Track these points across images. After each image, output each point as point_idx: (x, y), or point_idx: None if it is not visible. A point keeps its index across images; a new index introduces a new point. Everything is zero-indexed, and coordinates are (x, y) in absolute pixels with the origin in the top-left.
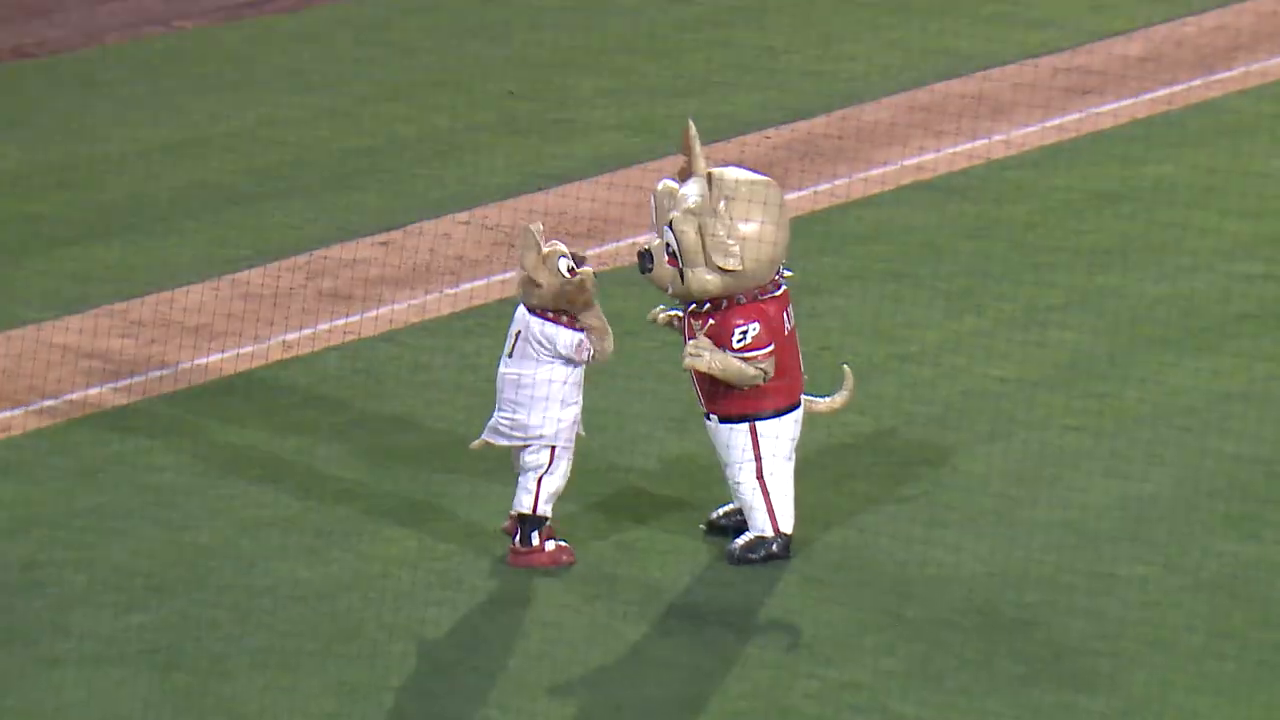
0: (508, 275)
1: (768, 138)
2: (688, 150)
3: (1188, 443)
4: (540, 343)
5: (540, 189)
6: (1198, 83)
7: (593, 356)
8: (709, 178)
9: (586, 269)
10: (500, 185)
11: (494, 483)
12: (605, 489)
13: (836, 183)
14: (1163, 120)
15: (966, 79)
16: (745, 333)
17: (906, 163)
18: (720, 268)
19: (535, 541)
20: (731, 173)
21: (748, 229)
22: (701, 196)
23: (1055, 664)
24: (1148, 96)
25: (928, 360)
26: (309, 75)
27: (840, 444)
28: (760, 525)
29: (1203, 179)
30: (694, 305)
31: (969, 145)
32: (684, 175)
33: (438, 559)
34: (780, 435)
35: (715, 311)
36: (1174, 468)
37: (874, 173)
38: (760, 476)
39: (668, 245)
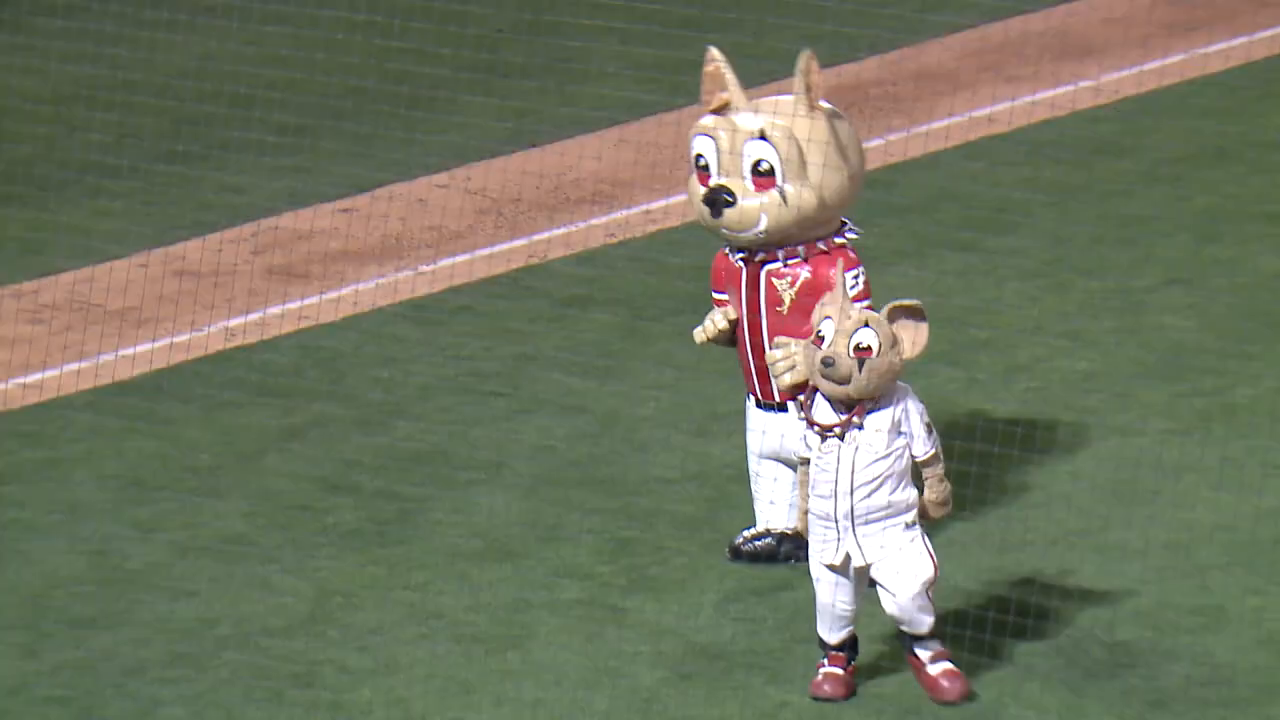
0: (495, 249)
1: None
2: (717, 83)
3: None
4: None
5: (534, 146)
6: None
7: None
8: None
9: (841, 359)
10: (486, 141)
11: (479, 498)
12: (611, 504)
13: (891, 138)
14: None
15: (1047, 13)
16: (858, 276)
17: (975, 114)
18: (835, 174)
19: (826, 664)
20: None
21: (848, 149)
22: (801, 107)
23: (1154, 715)
24: (1266, 34)
25: (999, 350)
26: (256, 9)
27: None
28: None
29: None
30: (775, 262)
31: (1050, 93)
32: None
33: (411, 589)
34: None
35: (810, 259)
36: None
37: (935, 126)
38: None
39: (756, 164)
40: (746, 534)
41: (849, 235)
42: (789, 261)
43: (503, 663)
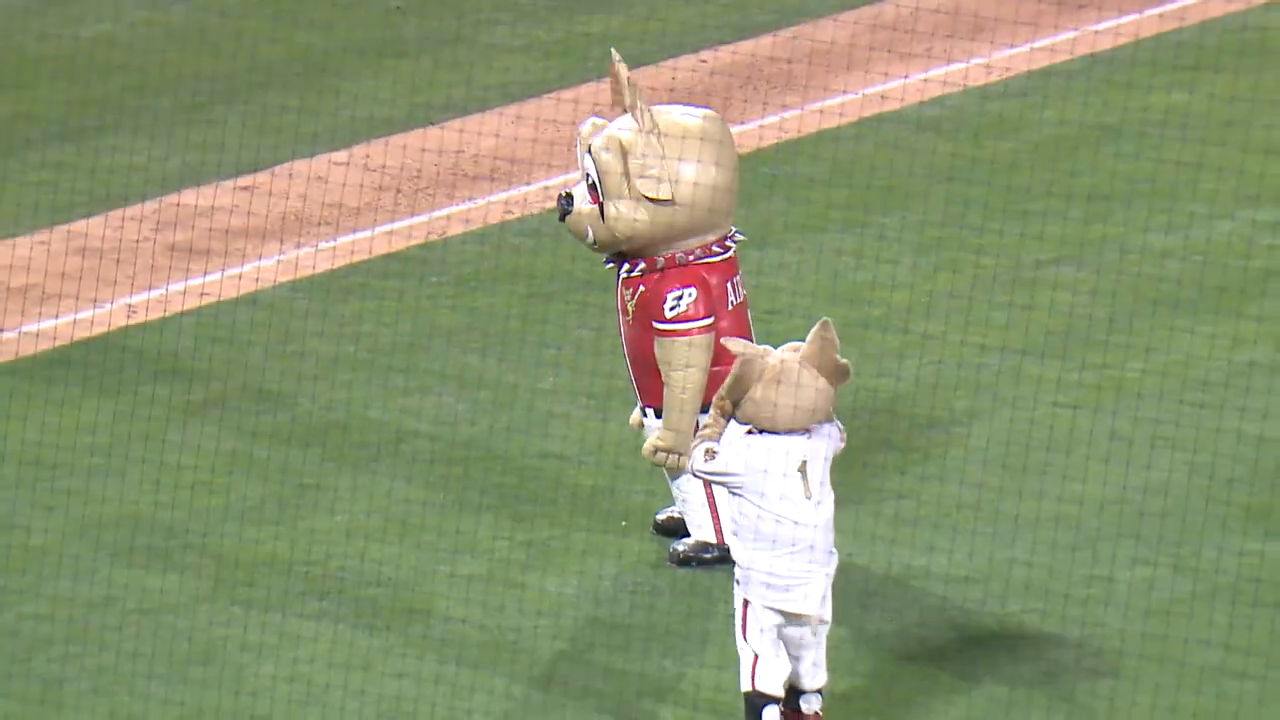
0: (394, 226)
1: (703, 61)
2: (615, 86)
3: (1202, 422)
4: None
5: (433, 123)
6: None
7: None
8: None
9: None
10: (385, 118)
11: (379, 474)
12: (510, 479)
13: (786, 115)
14: (1173, 40)
15: None
16: (680, 299)
17: (868, 91)
18: (647, 197)
19: None
20: (669, 107)
21: (684, 164)
22: (630, 125)
23: (1045, 685)
24: (1155, 11)
25: (894, 326)
26: None
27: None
28: (703, 533)
29: (1221, 110)
30: (625, 269)
31: (942, 70)
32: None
33: (313, 563)
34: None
35: (648, 276)
36: (1185, 452)
37: (830, 103)
38: (707, 484)
39: (587, 177)
40: (668, 512)
41: (715, 251)
42: (633, 273)
43: (403, 637)
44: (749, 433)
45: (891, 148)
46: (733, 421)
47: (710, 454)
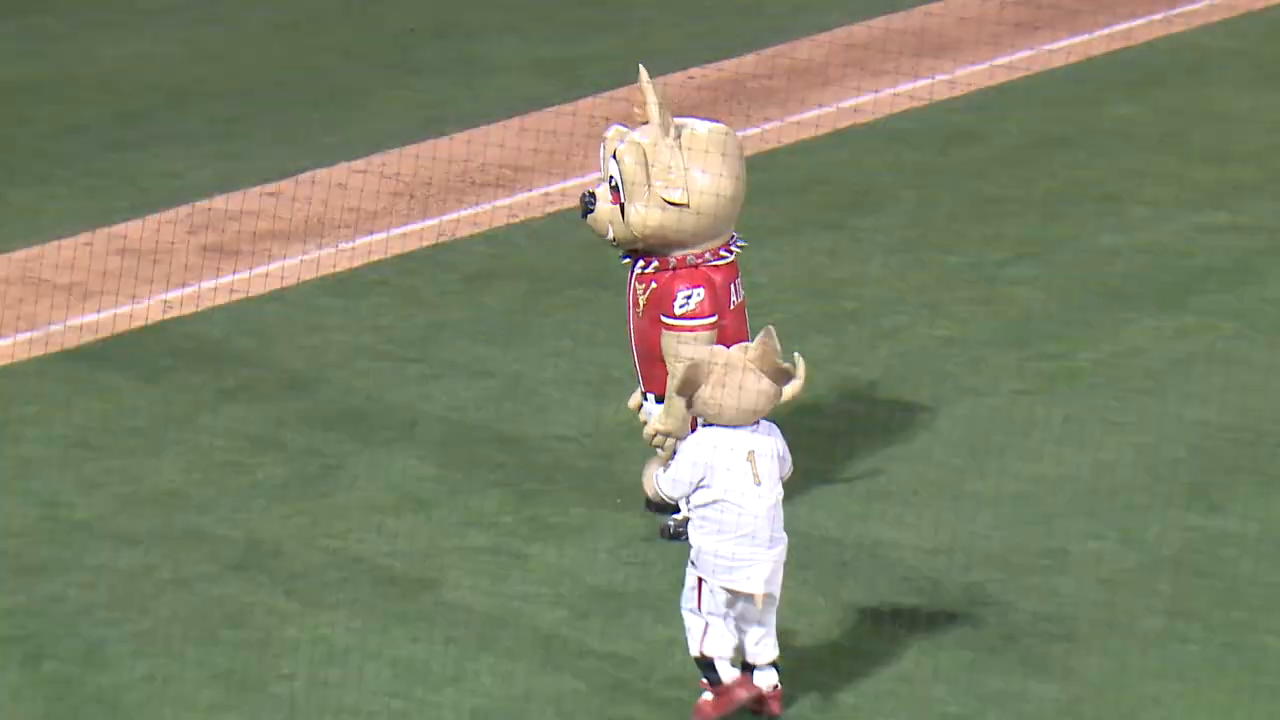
0: (408, 228)
1: (691, 78)
2: (642, 97)
3: (1147, 408)
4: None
5: (444, 135)
6: (1159, 17)
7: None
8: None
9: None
10: (400, 131)
11: (395, 454)
12: (515, 460)
13: (766, 127)
14: (1120, 58)
15: (907, 14)
16: (689, 298)
17: (842, 105)
18: (665, 200)
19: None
20: (689, 120)
21: (701, 174)
22: (652, 133)
23: (1004, 648)
24: (1104, 32)
25: (865, 319)
26: (189, 9)
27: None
28: None
29: (1163, 121)
30: (640, 266)
31: (910, 86)
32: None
33: (334, 537)
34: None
35: (660, 274)
36: (1132, 435)
37: (807, 116)
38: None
39: (610, 178)
40: (676, 518)
41: (722, 255)
42: (647, 269)
43: (417, 604)
44: (703, 425)
45: (864, 156)
46: (684, 441)
47: (673, 481)
